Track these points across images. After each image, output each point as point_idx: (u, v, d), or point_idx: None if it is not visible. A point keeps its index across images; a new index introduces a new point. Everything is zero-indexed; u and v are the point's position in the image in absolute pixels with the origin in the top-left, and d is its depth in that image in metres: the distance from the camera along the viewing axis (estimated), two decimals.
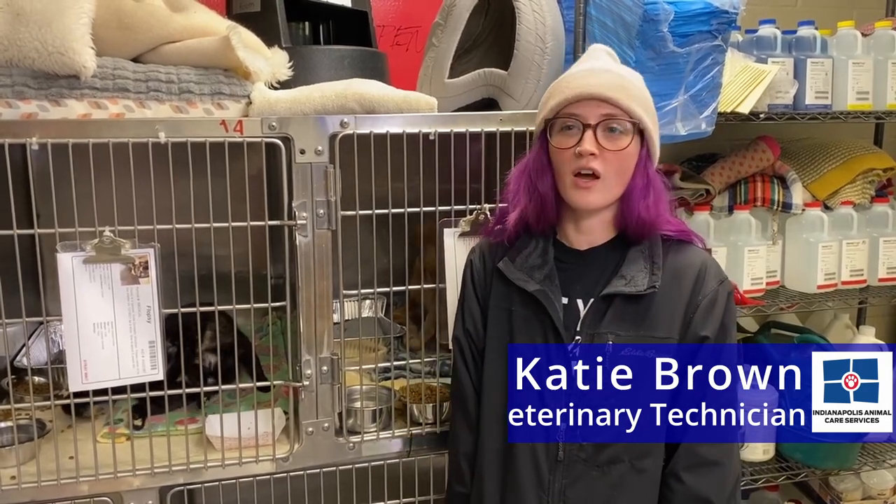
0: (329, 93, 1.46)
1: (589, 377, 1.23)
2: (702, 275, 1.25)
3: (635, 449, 1.24)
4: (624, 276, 1.24)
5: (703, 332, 1.23)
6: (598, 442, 1.24)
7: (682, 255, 1.27)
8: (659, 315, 1.23)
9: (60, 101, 1.36)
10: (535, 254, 1.30)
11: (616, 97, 1.18)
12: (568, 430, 1.24)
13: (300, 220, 1.44)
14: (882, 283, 2.17)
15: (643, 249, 1.26)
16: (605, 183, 1.21)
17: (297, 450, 1.53)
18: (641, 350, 1.22)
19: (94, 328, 1.36)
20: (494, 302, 1.33)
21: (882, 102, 2.06)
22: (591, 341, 1.23)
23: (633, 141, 1.21)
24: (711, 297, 1.24)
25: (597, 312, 1.25)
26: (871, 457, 2.14)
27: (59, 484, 1.41)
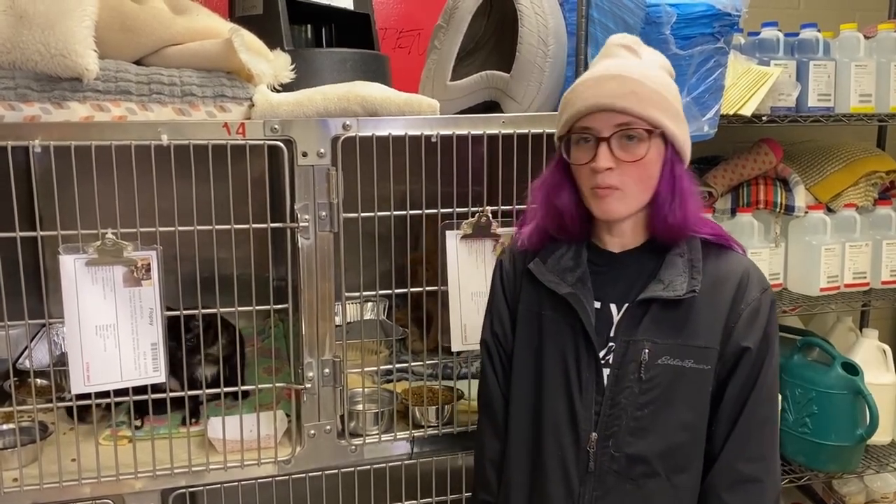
0: (331, 95, 1.47)
1: (622, 385, 1.17)
2: (744, 282, 1.18)
3: (672, 463, 1.17)
4: (662, 281, 1.17)
5: (745, 343, 1.16)
6: (631, 453, 1.17)
7: (724, 262, 1.20)
8: (699, 323, 1.17)
9: (63, 104, 1.37)
10: (568, 255, 1.24)
11: (627, 106, 1.11)
12: (599, 439, 1.18)
13: (302, 223, 1.44)
14: (885, 286, 2.16)
15: (682, 253, 1.19)
16: (624, 193, 1.15)
17: (298, 452, 1.52)
18: (679, 359, 1.16)
19: (97, 330, 1.36)
20: (524, 305, 1.28)
21: (885, 105, 2.06)
22: (625, 348, 1.17)
23: (651, 147, 1.14)
24: (755, 306, 1.17)
25: (632, 318, 1.19)
26: (874, 460, 2.13)
27: (61, 486, 1.41)
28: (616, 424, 1.17)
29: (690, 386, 1.17)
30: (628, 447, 1.17)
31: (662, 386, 1.16)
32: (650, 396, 1.16)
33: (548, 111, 1.71)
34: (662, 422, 1.16)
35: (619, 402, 1.17)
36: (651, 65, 1.19)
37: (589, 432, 1.19)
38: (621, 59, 1.19)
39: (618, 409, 1.17)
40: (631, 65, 1.17)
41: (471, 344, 1.58)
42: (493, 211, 1.55)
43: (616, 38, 1.23)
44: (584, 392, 1.19)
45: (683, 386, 1.16)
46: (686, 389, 1.16)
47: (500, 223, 1.56)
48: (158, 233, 1.38)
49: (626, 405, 1.17)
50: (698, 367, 1.16)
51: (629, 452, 1.17)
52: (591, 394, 1.19)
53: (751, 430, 1.17)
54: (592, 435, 1.18)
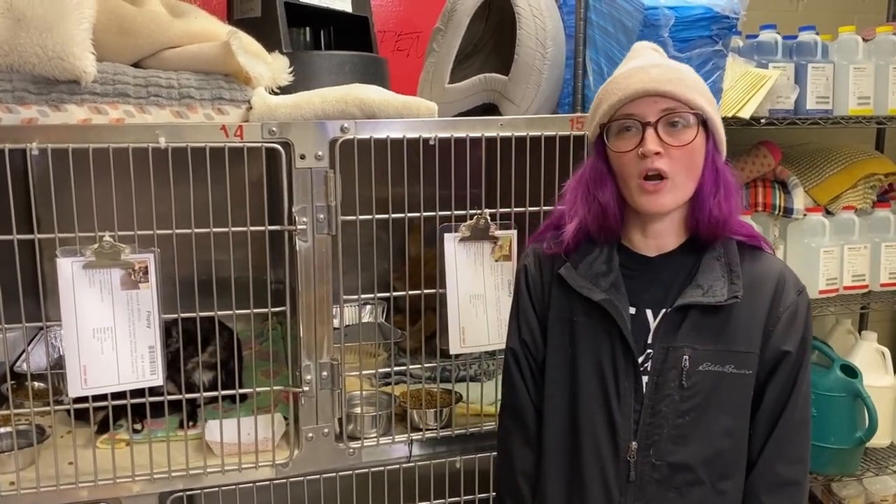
0: (330, 98, 1.47)
1: (662, 392, 1.15)
2: (781, 285, 1.17)
3: (716, 470, 1.15)
4: (700, 286, 1.14)
5: (785, 347, 1.15)
6: (673, 462, 1.15)
7: (759, 264, 1.18)
8: (738, 327, 1.15)
9: (61, 106, 1.37)
10: (600, 260, 1.20)
11: (674, 90, 1.10)
12: (639, 448, 1.15)
13: (300, 226, 1.44)
14: (884, 289, 2.16)
15: (718, 256, 1.17)
16: (674, 182, 1.12)
17: (296, 455, 1.52)
18: (720, 364, 1.14)
19: (94, 333, 1.36)
20: (554, 312, 1.24)
21: (883, 107, 2.06)
22: (665, 355, 1.15)
23: (698, 133, 1.12)
24: (793, 309, 1.16)
25: (671, 324, 1.16)
26: (873, 463, 2.13)
27: (59, 490, 1.41)
28: (657, 433, 1.15)
29: (731, 391, 1.15)
30: (670, 455, 1.15)
31: (704, 392, 1.14)
32: (692, 403, 1.14)
33: (546, 114, 1.71)
34: (704, 428, 1.15)
35: (660, 411, 1.15)
36: (685, 65, 1.21)
37: (628, 442, 1.16)
38: (654, 57, 1.20)
39: (658, 417, 1.15)
40: (669, 60, 1.20)
41: (469, 347, 1.58)
42: (491, 214, 1.55)
43: (644, 42, 1.25)
44: (622, 401, 1.16)
45: (724, 391, 1.15)
46: (727, 395, 1.15)
47: (499, 226, 1.56)
48: (156, 235, 1.38)
49: (666, 413, 1.15)
50: (739, 372, 1.15)
51: (671, 461, 1.15)
52: (630, 402, 1.16)
53: (790, 432, 1.16)
54: (632, 444, 1.16)
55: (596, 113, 1.19)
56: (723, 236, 1.17)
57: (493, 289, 1.58)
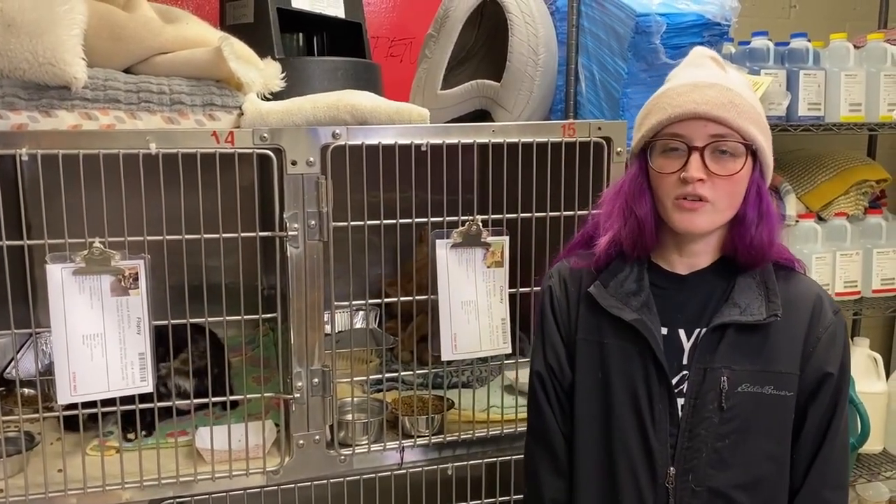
0: (321, 104, 1.46)
1: (700, 415, 1.11)
2: (818, 306, 1.14)
3: (759, 495, 1.12)
4: (738, 305, 1.11)
5: (828, 369, 1.12)
6: (713, 487, 1.11)
7: (794, 284, 1.16)
8: (777, 348, 1.12)
9: (51, 112, 1.36)
10: (631, 278, 1.17)
11: (726, 116, 1.06)
12: (678, 474, 1.12)
13: (291, 232, 1.43)
14: (876, 295, 2.16)
15: (754, 275, 1.14)
16: (714, 206, 1.09)
17: (287, 463, 1.51)
18: (760, 386, 1.11)
19: (84, 340, 1.35)
20: (583, 335, 1.20)
21: (875, 114, 2.06)
22: (702, 376, 1.11)
23: (745, 164, 1.09)
24: (832, 330, 1.13)
25: (708, 344, 1.12)
26: (865, 469, 2.13)
27: (47, 497, 1.39)
28: (695, 457, 1.12)
29: (772, 413, 1.12)
30: (710, 480, 1.11)
31: (744, 415, 1.11)
32: (731, 426, 1.11)
33: (538, 120, 1.71)
34: (745, 452, 1.11)
35: (699, 434, 1.11)
36: (741, 81, 1.15)
37: (666, 467, 1.13)
38: (711, 70, 1.14)
39: (697, 440, 1.12)
40: (728, 75, 1.13)
41: (461, 353, 1.57)
42: (483, 220, 1.55)
43: (703, 49, 1.19)
44: (657, 424, 1.13)
45: (765, 414, 1.12)
46: (768, 417, 1.12)
47: (491, 232, 1.56)
48: (146, 242, 1.37)
49: (705, 436, 1.11)
50: (779, 393, 1.12)
51: (711, 486, 1.12)
52: (666, 426, 1.13)
53: (833, 457, 1.13)
54: (670, 469, 1.12)
55: (642, 125, 1.15)
56: (764, 262, 1.14)
57: (485, 295, 1.58)
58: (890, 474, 2.14)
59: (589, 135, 1.57)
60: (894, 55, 2.09)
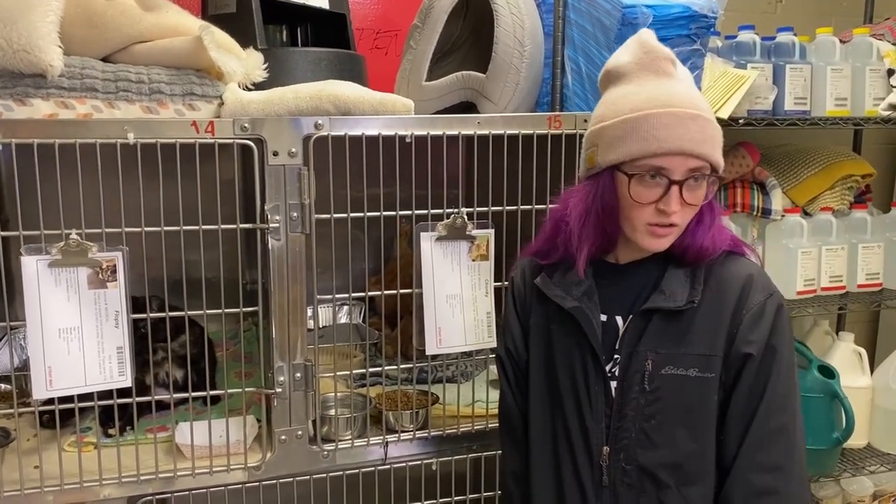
0: (303, 94, 1.44)
1: (628, 397, 1.16)
2: (747, 287, 1.15)
3: (682, 474, 1.15)
4: (664, 291, 1.16)
5: (747, 349, 1.13)
6: (641, 465, 1.16)
7: (731, 267, 1.17)
8: (701, 331, 1.14)
9: (26, 101, 1.33)
10: (574, 270, 1.21)
11: (707, 153, 1.09)
12: (611, 453, 1.17)
13: (273, 224, 1.41)
14: (861, 290, 2.17)
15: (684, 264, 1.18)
16: (679, 228, 1.14)
17: (269, 458, 1.49)
18: (683, 368, 1.14)
19: (60, 333, 1.32)
20: (535, 320, 1.28)
21: (860, 109, 2.06)
22: (629, 360, 1.16)
23: (709, 186, 1.13)
24: (756, 311, 1.13)
25: (636, 329, 1.17)
26: (850, 463, 2.14)
27: (23, 494, 1.37)
28: (625, 437, 1.16)
29: (696, 395, 1.14)
30: (639, 459, 1.16)
31: (667, 396, 1.15)
32: (656, 407, 1.15)
33: (524, 112, 1.70)
34: (670, 433, 1.15)
35: (627, 415, 1.16)
36: (693, 86, 1.17)
37: (601, 446, 1.18)
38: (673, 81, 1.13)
39: (626, 421, 1.16)
40: (695, 94, 1.13)
41: (445, 347, 1.56)
42: (468, 213, 1.53)
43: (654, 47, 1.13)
44: (593, 406, 1.18)
45: (688, 396, 1.15)
46: (692, 399, 1.15)
47: (476, 225, 1.55)
48: (124, 233, 1.34)
49: (633, 417, 1.16)
50: (703, 375, 1.14)
51: (640, 465, 1.16)
52: (601, 407, 1.18)
53: (762, 439, 1.13)
54: (604, 449, 1.18)
55: (616, 145, 1.11)
56: (709, 258, 1.17)
57: (469, 288, 1.56)
58: (874, 468, 2.14)
59: (575, 127, 1.56)
60: (880, 50, 2.09)
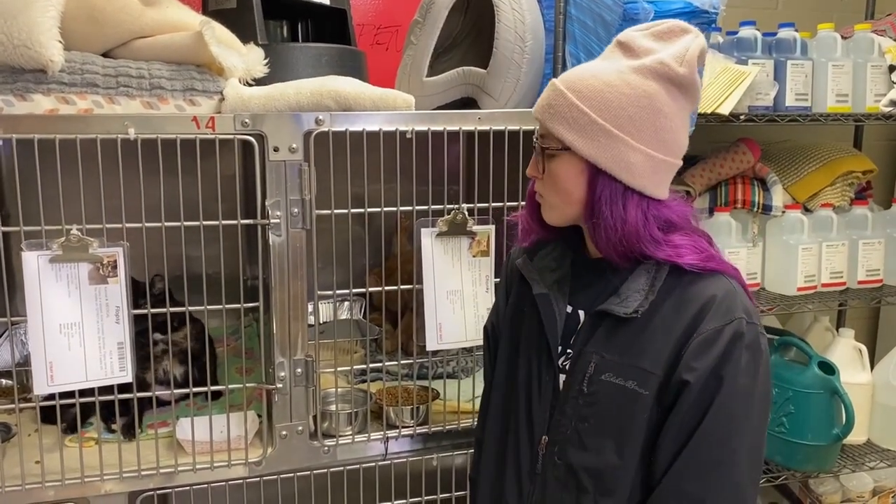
0: (304, 89, 1.44)
1: (569, 395, 1.14)
2: (706, 309, 1.05)
3: (601, 483, 1.11)
4: (619, 295, 1.11)
5: (685, 376, 1.04)
6: (570, 464, 1.13)
7: (696, 286, 1.08)
8: (649, 344, 1.08)
9: (26, 96, 1.33)
10: (553, 255, 1.21)
11: (541, 119, 1.10)
12: (549, 443, 1.16)
13: (273, 219, 1.41)
14: (861, 286, 2.16)
15: (649, 268, 1.11)
16: (547, 202, 1.14)
17: (270, 454, 1.50)
18: (623, 378, 1.09)
19: (61, 329, 1.32)
20: (513, 299, 1.28)
21: (861, 105, 2.06)
22: (577, 358, 1.14)
23: (560, 163, 1.09)
24: (709, 336, 1.04)
25: (588, 329, 1.14)
26: (850, 459, 2.14)
27: (24, 489, 1.37)
28: (562, 432, 1.14)
29: (628, 408, 1.09)
30: (568, 457, 1.13)
31: (603, 402, 1.10)
32: (590, 411, 1.11)
33: (525, 108, 1.69)
34: (598, 439, 1.11)
35: (566, 411, 1.14)
36: (622, 70, 1.07)
37: (541, 435, 1.17)
38: (603, 62, 1.12)
39: (564, 417, 1.14)
40: (583, 71, 1.10)
41: (446, 343, 1.56)
42: (469, 208, 1.53)
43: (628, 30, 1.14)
44: (542, 394, 1.18)
45: (622, 407, 1.09)
46: (624, 411, 1.09)
47: (477, 220, 1.55)
48: (125, 229, 1.34)
49: (571, 415, 1.13)
50: (639, 390, 1.08)
51: (568, 463, 1.13)
52: (548, 397, 1.17)
53: (690, 470, 1.05)
54: (544, 438, 1.17)
55: None
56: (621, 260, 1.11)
57: (470, 284, 1.56)
58: (874, 465, 2.14)
59: None
60: (881, 46, 2.09)
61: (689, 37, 1.11)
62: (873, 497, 2.34)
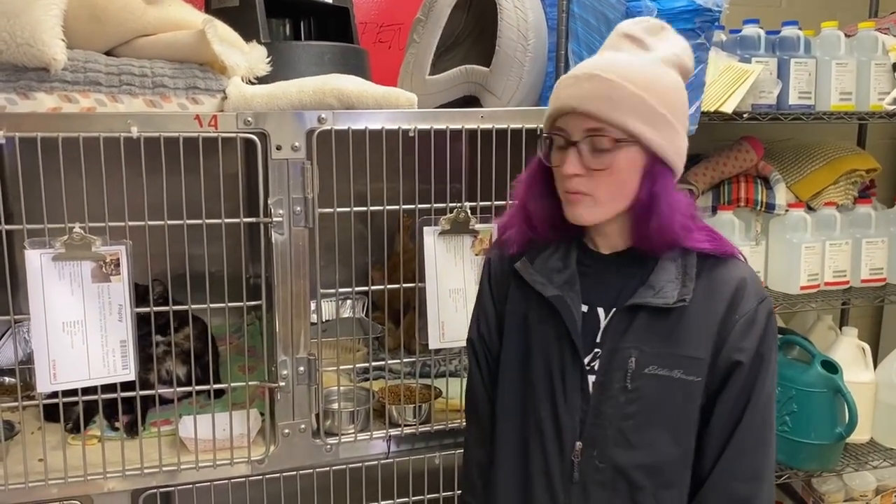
0: (307, 88, 1.44)
1: (607, 394, 1.11)
2: (740, 291, 1.10)
3: (659, 477, 1.11)
4: (652, 287, 1.10)
5: (737, 357, 1.09)
6: (616, 465, 1.11)
7: (721, 269, 1.12)
8: (690, 332, 1.09)
9: (29, 94, 1.33)
10: (557, 256, 1.17)
11: (597, 111, 1.03)
12: (584, 448, 1.12)
13: (276, 218, 1.41)
14: (864, 285, 2.16)
15: (675, 258, 1.12)
16: (594, 199, 1.07)
17: (272, 452, 1.50)
18: (668, 369, 1.09)
19: (64, 327, 1.33)
20: (511, 306, 1.21)
21: (865, 103, 2.05)
22: (611, 355, 1.11)
23: (622, 156, 1.05)
24: (749, 316, 1.09)
25: (620, 324, 1.12)
26: (853, 458, 2.13)
27: (27, 487, 1.37)
28: (601, 434, 1.11)
29: (678, 398, 1.10)
30: (614, 458, 1.11)
31: (649, 397, 1.10)
32: (636, 407, 1.10)
33: (527, 106, 1.69)
34: (649, 434, 1.11)
35: (605, 412, 1.11)
36: (653, 62, 1.08)
37: (573, 441, 1.13)
38: (621, 53, 1.10)
39: (602, 418, 1.11)
40: (621, 61, 1.07)
41: (449, 341, 1.56)
42: (471, 207, 1.53)
43: (626, 25, 1.12)
44: (568, 399, 1.13)
45: (671, 397, 1.10)
46: (674, 401, 1.10)
47: (480, 219, 1.54)
48: (128, 227, 1.35)
49: (611, 415, 1.11)
50: (687, 378, 1.09)
51: (614, 464, 1.11)
52: (577, 401, 1.13)
53: (744, 448, 1.10)
54: (577, 444, 1.13)
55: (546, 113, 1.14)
56: (664, 250, 1.11)
57: (472, 283, 1.56)
58: (877, 464, 2.14)
59: None
60: (885, 44, 2.08)
61: (674, 33, 1.14)
62: (876, 496, 2.34)
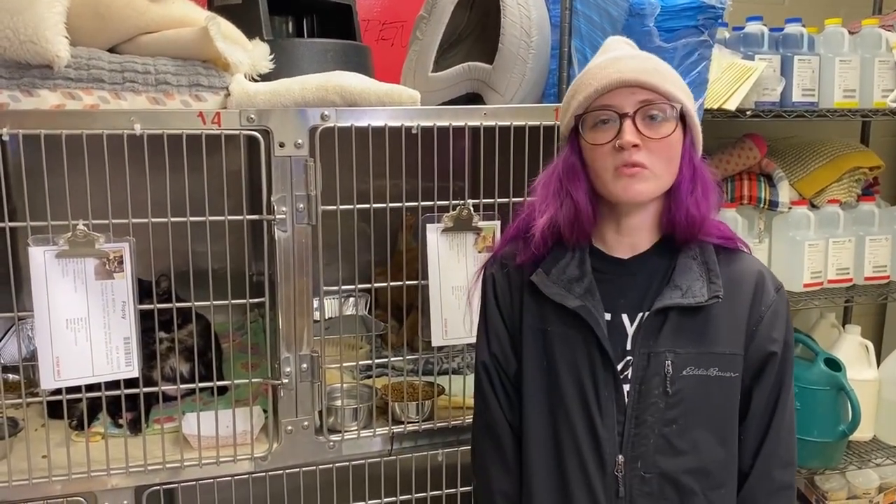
0: (310, 85, 1.44)
1: (646, 401, 1.09)
2: (760, 284, 1.13)
3: (709, 479, 1.10)
4: (679, 286, 1.10)
5: (771, 348, 1.12)
6: (663, 473, 1.10)
7: (736, 264, 1.14)
8: (719, 329, 1.10)
9: (33, 92, 1.33)
10: (573, 264, 1.14)
11: (652, 81, 1.06)
12: (626, 461, 1.10)
13: (279, 215, 1.41)
14: (868, 282, 2.16)
15: (694, 255, 1.12)
16: (652, 173, 1.07)
17: (275, 449, 1.50)
18: (704, 368, 1.09)
19: (67, 324, 1.33)
20: (528, 322, 1.17)
21: (868, 100, 2.05)
22: (647, 361, 1.10)
23: (676, 127, 1.08)
24: (774, 308, 1.13)
25: (651, 328, 1.11)
26: (856, 456, 2.14)
27: (31, 483, 1.38)
28: (643, 444, 1.10)
29: (718, 396, 1.11)
30: (659, 466, 1.10)
31: (690, 398, 1.10)
32: (678, 411, 1.09)
33: (531, 103, 1.69)
34: (693, 436, 1.10)
35: (646, 420, 1.10)
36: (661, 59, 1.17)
37: (615, 455, 1.11)
38: (630, 51, 1.16)
39: (644, 427, 1.10)
40: (644, 53, 1.15)
41: (451, 339, 1.56)
42: (474, 204, 1.53)
43: (616, 37, 1.21)
44: (604, 412, 1.11)
45: (710, 396, 1.11)
46: (714, 400, 1.11)
47: (482, 216, 1.54)
48: (131, 224, 1.35)
49: (652, 423, 1.10)
50: (724, 374, 1.11)
51: (661, 472, 1.10)
52: (613, 413, 1.11)
53: (781, 436, 1.13)
54: (619, 458, 1.10)
55: (570, 104, 1.14)
56: (698, 237, 1.12)
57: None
58: (880, 461, 2.14)
59: None
60: (889, 41, 2.08)
61: None
62: (879, 494, 2.34)
